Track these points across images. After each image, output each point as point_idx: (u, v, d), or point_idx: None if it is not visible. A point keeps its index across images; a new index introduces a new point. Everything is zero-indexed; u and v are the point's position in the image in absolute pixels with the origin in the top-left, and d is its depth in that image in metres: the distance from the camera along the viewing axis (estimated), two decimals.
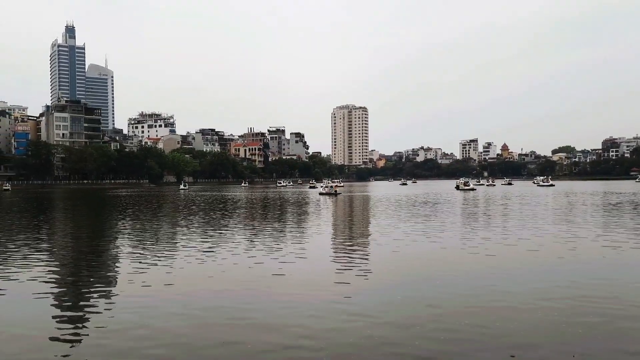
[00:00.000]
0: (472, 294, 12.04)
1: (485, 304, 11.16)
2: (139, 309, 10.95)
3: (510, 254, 18.31)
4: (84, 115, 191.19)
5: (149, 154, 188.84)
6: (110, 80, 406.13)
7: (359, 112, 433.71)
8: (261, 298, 11.84)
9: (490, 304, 11.20)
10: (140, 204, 55.83)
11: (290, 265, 16.01)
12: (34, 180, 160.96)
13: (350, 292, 12.33)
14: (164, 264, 16.39)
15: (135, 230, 27.71)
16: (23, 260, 17.42)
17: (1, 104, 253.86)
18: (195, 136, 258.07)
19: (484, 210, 40.64)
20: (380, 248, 20.26)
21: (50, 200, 72.07)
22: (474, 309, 10.82)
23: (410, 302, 11.35)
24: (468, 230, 26.19)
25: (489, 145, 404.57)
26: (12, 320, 10.26)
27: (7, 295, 12.38)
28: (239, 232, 25.63)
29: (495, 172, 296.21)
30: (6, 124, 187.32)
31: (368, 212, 41.97)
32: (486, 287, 12.82)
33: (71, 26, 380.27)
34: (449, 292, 12.21)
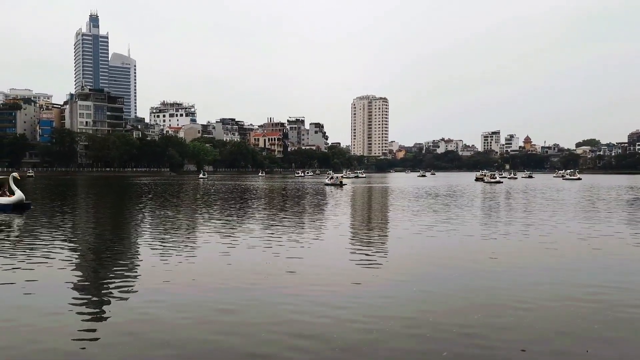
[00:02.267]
0: (487, 289, 11.92)
1: (499, 299, 11.04)
2: (158, 298, 11.09)
3: (537, 251, 18.07)
4: (107, 104, 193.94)
5: (170, 143, 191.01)
6: (132, 69, 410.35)
7: (379, 102, 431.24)
8: (276, 290, 11.90)
9: (504, 299, 11.08)
10: (161, 192, 56.54)
11: (305, 256, 16.04)
12: (58, 167, 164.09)
13: (363, 285, 12.32)
14: (184, 253, 16.58)
15: (156, 218, 28.07)
16: (45, 246, 17.79)
17: (27, 92, 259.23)
18: (216, 126, 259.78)
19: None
20: (397, 240, 20.19)
21: (74, 187, 73.36)
22: (488, 303, 10.71)
23: (424, 296, 11.31)
24: (500, 225, 25.91)
25: (511, 137, 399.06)
26: (35, 306, 10.49)
27: (30, 283, 12.67)
28: (254, 221, 25.76)
29: (517, 165, 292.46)
30: (31, 112, 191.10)
31: (385, 204, 41.83)
32: (502, 282, 12.69)
33: (95, 15, 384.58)
34: (464, 287, 12.12)
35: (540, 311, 10.14)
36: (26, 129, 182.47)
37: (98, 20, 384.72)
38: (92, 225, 25.23)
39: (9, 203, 30.76)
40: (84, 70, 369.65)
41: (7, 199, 31.17)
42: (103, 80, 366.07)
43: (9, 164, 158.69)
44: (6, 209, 30.37)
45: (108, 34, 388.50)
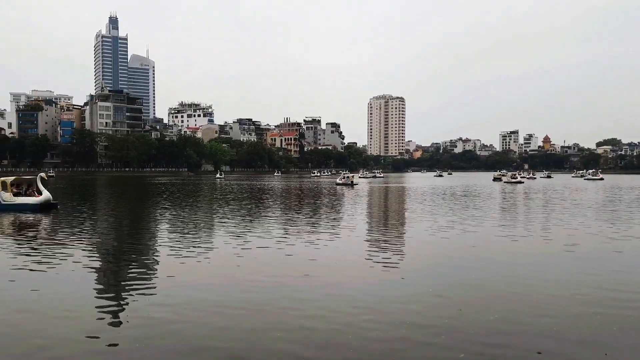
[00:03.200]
0: (505, 288, 11.91)
1: (517, 301, 11.00)
2: (178, 294, 11.30)
3: (559, 253, 17.93)
4: (126, 105, 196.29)
5: (188, 143, 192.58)
6: (151, 70, 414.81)
7: (396, 102, 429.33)
8: (296, 286, 12.03)
9: (522, 300, 11.03)
10: (179, 192, 57.21)
11: (321, 254, 16.15)
12: (78, 168, 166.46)
13: (378, 285, 12.38)
14: (201, 252, 16.81)
15: (174, 218, 28.41)
16: (70, 245, 18.20)
17: (48, 94, 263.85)
18: (233, 126, 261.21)
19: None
20: (412, 241, 20.19)
21: (95, 187, 74.51)
22: (504, 304, 10.70)
23: (440, 294, 11.33)
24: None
25: (530, 136, 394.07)
26: (55, 301, 10.77)
27: (51, 277, 13.00)
28: (268, 220, 25.94)
29: (536, 165, 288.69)
30: (52, 113, 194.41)
31: (399, 204, 41.73)
32: (520, 280, 12.62)
33: (114, 17, 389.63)
34: (481, 288, 12.10)
35: (559, 313, 10.08)
36: (47, 130, 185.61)
37: (117, 22, 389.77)
38: (115, 225, 25.70)
39: (36, 203, 31.40)
40: (104, 72, 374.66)
41: (34, 199, 31.82)
42: (122, 81, 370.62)
43: (31, 164, 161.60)
44: (34, 208, 31.00)
45: (127, 36, 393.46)
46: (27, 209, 30.93)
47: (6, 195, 31.82)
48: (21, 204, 31.41)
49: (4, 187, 32.17)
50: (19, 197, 32.20)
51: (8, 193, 31.89)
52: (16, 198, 31.89)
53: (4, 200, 31.66)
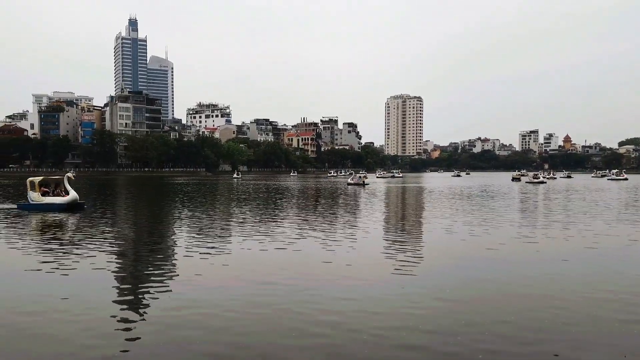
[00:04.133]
0: (522, 289, 11.80)
1: (535, 302, 10.90)
2: (196, 293, 11.47)
3: (581, 255, 17.70)
4: (146, 106, 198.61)
5: (206, 144, 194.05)
6: (170, 71, 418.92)
7: (413, 101, 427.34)
8: (314, 285, 12.09)
9: (538, 299, 10.94)
10: (197, 192, 57.78)
11: (339, 254, 16.17)
12: (99, 168, 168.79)
13: (395, 284, 12.36)
14: (219, 252, 16.97)
15: (193, 217, 28.69)
16: (86, 241, 18.53)
17: (69, 95, 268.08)
18: (250, 126, 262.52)
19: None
20: (429, 243, 20.10)
21: (116, 187, 75.62)
22: (521, 303, 10.64)
23: (456, 295, 11.28)
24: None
25: (550, 136, 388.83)
26: (74, 299, 10.99)
27: (70, 275, 13.26)
28: (284, 220, 26.04)
29: (556, 165, 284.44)
30: (73, 114, 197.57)
31: (415, 205, 41.51)
32: (537, 282, 12.50)
33: (134, 19, 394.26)
34: (499, 290, 12.02)
35: (577, 315, 9.98)
36: (69, 131, 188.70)
37: (137, 24, 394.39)
38: (138, 225, 26.15)
39: (63, 203, 31.91)
40: (124, 73, 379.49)
41: (62, 199, 32.33)
42: (142, 82, 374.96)
43: (53, 165, 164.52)
44: (61, 208, 31.52)
45: (146, 37, 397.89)
46: (55, 208, 31.40)
47: (34, 195, 32.44)
48: (49, 203, 31.91)
49: (32, 187, 32.80)
50: (47, 197, 32.73)
51: (36, 193, 32.49)
52: (44, 198, 32.43)
53: (33, 200, 32.32)
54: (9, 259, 15.69)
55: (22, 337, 8.68)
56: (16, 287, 12.25)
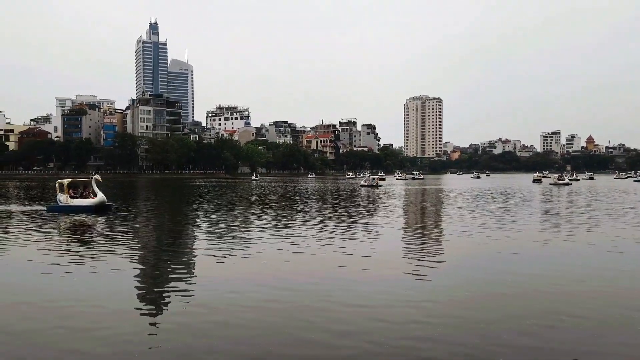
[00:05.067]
0: (542, 289, 11.69)
1: (553, 301, 10.79)
2: (219, 291, 11.64)
3: (602, 259, 17.42)
4: (166, 109, 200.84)
5: (225, 146, 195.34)
6: (190, 74, 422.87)
7: (432, 103, 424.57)
8: (334, 284, 12.13)
9: (558, 300, 10.82)
10: (217, 193, 58.36)
11: (355, 257, 16.17)
12: (120, 170, 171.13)
13: (414, 284, 12.34)
14: (239, 252, 17.13)
15: (212, 218, 29.03)
16: (113, 243, 18.88)
17: (91, 98, 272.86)
18: (269, 128, 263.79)
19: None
20: (448, 248, 19.97)
21: (139, 189, 76.72)
22: (541, 304, 10.53)
23: (476, 297, 11.20)
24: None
25: (573, 137, 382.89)
26: (98, 298, 11.23)
27: (93, 274, 13.52)
28: (301, 221, 26.10)
29: (579, 166, 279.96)
30: (95, 117, 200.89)
31: (434, 209, 41.19)
32: (558, 282, 12.36)
33: (155, 23, 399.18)
34: (517, 293, 11.91)
35: (597, 316, 9.84)
36: (91, 134, 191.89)
37: (157, 28, 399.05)
38: (163, 227, 26.62)
39: (91, 204, 32.50)
40: (145, 76, 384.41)
41: (90, 201, 32.94)
42: (162, 85, 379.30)
43: (76, 167, 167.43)
44: (89, 210, 32.07)
45: (167, 41, 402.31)
46: (83, 210, 31.98)
47: (63, 197, 33.14)
48: (77, 205, 32.54)
49: (61, 189, 33.52)
50: (75, 199, 33.36)
51: (65, 195, 33.18)
52: (72, 200, 33.09)
53: (62, 202, 33.03)
54: (38, 260, 16.04)
55: (44, 336, 8.90)
56: (45, 286, 12.56)
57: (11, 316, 10.01)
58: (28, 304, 10.83)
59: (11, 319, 9.80)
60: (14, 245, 18.91)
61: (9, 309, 10.53)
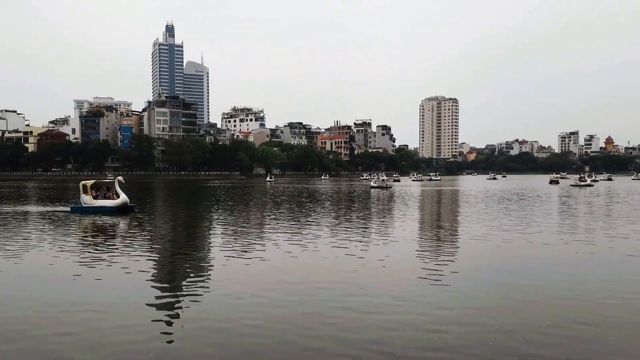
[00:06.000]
0: (557, 295, 11.49)
1: (568, 306, 10.60)
2: (231, 296, 11.65)
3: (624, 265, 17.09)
4: (182, 110, 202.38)
5: (240, 147, 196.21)
6: (205, 76, 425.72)
7: (448, 103, 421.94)
8: (347, 290, 12.07)
9: (573, 306, 10.62)
10: (232, 195, 58.59)
11: (371, 259, 16.09)
12: (137, 171, 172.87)
13: (428, 288, 12.21)
14: (255, 253, 17.16)
15: (229, 219, 29.19)
16: (135, 244, 19.07)
17: (108, 100, 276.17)
18: (284, 130, 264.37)
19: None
20: (464, 251, 19.77)
21: (156, 190, 77.38)
22: (555, 310, 10.36)
23: (489, 301, 11.05)
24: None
25: (591, 137, 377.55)
26: (112, 301, 11.30)
27: (109, 277, 13.63)
28: (318, 222, 26.05)
29: (597, 167, 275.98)
30: (113, 119, 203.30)
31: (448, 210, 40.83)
32: (573, 288, 12.14)
33: (171, 25, 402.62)
34: (532, 292, 11.76)
35: (613, 324, 9.63)
36: (108, 135, 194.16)
37: (174, 30, 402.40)
38: (182, 228, 26.94)
39: (114, 205, 32.91)
40: (161, 78, 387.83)
41: (112, 202, 33.38)
42: (178, 87, 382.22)
43: (93, 168, 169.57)
44: (112, 211, 32.47)
45: (183, 43, 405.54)
46: (106, 211, 32.41)
47: (87, 198, 33.66)
48: (100, 206, 33.02)
49: (84, 190, 34.06)
50: (98, 199, 33.83)
51: (88, 196, 33.71)
52: (95, 201, 33.58)
53: (85, 203, 33.54)
54: (62, 260, 16.32)
55: (63, 335, 8.97)
56: (71, 285, 12.82)
57: (22, 319, 10.12)
58: (39, 307, 10.93)
59: (23, 323, 9.90)
60: (39, 246, 19.23)
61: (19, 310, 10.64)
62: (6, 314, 10.46)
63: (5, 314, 10.46)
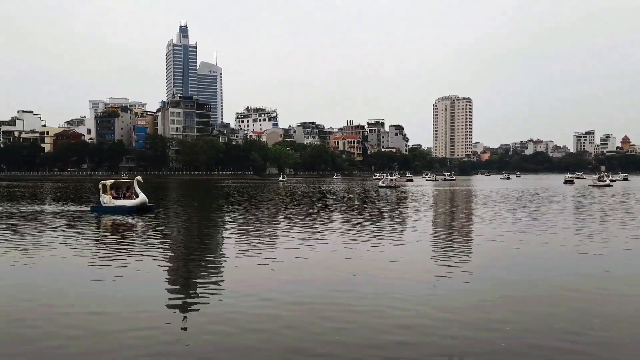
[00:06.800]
0: (574, 297, 11.43)
1: (584, 305, 10.54)
2: (244, 296, 11.71)
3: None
4: (196, 111, 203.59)
5: (253, 147, 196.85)
6: (219, 76, 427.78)
7: (462, 103, 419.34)
8: (363, 286, 12.15)
9: (589, 304, 10.56)
10: (246, 195, 58.87)
11: (386, 259, 16.12)
12: (151, 171, 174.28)
13: (443, 286, 12.20)
14: (269, 252, 17.29)
15: (244, 219, 29.36)
16: (154, 243, 19.38)
17: (123, 101, 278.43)
18: (297, 129, 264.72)
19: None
20: (479, 252, 19.70)
21: (171, 190, 78.00)
22: (571, 309, 10.32)
23: (504, 300, 11.03)
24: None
25: (607, 137, 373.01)
26: (128, 300, 11.47)
27: (124, 277, 13.84)
28: (331, 221, 26.11)
29: (614, 167, 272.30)
30: (127, 119, 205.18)
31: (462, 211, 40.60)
32: (590, 287, 12.07)
33: (185, 26, 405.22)
34: (548, 290, 11.73)
35: (631, 324, 9.60)
36: (123, 135, 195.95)
37: (187, 31, 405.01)
38: (199, 227, 27.23)
39: (133, 205, 33.29)
40: (175, 79, 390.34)
41: (132, 202, 33.76)
42: (192, 87, 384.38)
43: (108, 168, 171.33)
44: (131, 210, 32.83)
45: (197, 44, 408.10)
46: (125, 211, 32.75)
47: (106, 197, 34.08)
48: (119, 206, 33.41)
49: (104, 190, 34.50)
50: (118, 199, 34.27)
51: (108, 196, 34.12)
52: (115, 200, 33.98)
53: (105, 203, 33.96)
54: (80, 259, 16.55)
55: (79, 335, 9.14)
56: (90, 285, 12.96)
57: (32, 315, 10.34)
58: (56, 305, 11.15)
59: (34, 319, 10.12)
60: (61, 244, 19.59)
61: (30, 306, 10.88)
62: (20, 307, 10.70)
63: (19, 307, 10.70)
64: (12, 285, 12.79)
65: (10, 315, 10.21)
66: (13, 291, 12.14)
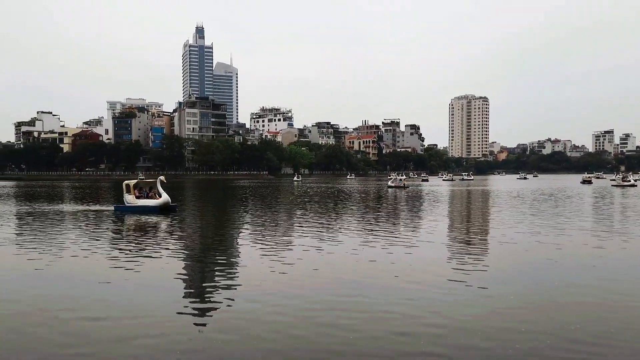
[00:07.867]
0: (588, 298, 11.16)
1: (598, 310, 10.27)
2: (258, 296, 11.73)
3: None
4: (212, 111, 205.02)
5: (269, 147, 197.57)
6: (234, 77, 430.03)
7: (478, 102, 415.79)
8: (375, 289, 12.04)
9: (603, 309, 10.29)
10: (261, 195, 59.02)
11: (401, 257, 15.96)
12: (168, 171, 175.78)
13: (456, 290, 11.99)
14: (282, 253, 17.25)
15: (257, 219, 29.40)
16: (175, 243, 19.50)
17: (140, 101, 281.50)
18: (312, 129, 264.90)
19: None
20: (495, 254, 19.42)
21: (189, 189, 78.36)
22: (586, 313, 10.10)
23: (518, 304, 10.81)
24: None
25: (627, 136, 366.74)
26: (140, 302, 11.49)
27: (136, 277, 13.89)
28: (345, 223, 25.97)
29: (634, 166, 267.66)
30: (144, 120, 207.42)
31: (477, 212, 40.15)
32: (605, 291, 11.76)
33: (201, 27, 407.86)
34: (562, 295, 11.45)
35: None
36: (140, 136, 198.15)
37: (203, 32, 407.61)
38: (218, 227, 27.40)
39: (156, 205, 33.62)
40: (191, 79, 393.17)
41: (154, 201, 34.11)
42: (208, 88, 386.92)
43: (126, 168, 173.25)
44: (154, 210, 33.18)
45: (212, 45, 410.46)
46: (148, 210, 33.10)
47: (129, 197, 34.49)
48: (142, 206, 33.77)
49: (127, 190, 34.93)
50: (141, 199, 34.62)
51: (131, 195, 34.55)
52: (138, 200, 34.36)
53: (128, 202, 34.38)
54: (101, 258, 16.77)
55: (94, 335, 9.15)
56: (108, 284, 13.09)
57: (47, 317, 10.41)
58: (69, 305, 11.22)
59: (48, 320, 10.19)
60: (92, 241, 20.09)
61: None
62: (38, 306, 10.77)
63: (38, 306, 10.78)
64: (52, 284, 12.91)
65: (12, 317, 10.25)
66: (49, 291, 12.24)
